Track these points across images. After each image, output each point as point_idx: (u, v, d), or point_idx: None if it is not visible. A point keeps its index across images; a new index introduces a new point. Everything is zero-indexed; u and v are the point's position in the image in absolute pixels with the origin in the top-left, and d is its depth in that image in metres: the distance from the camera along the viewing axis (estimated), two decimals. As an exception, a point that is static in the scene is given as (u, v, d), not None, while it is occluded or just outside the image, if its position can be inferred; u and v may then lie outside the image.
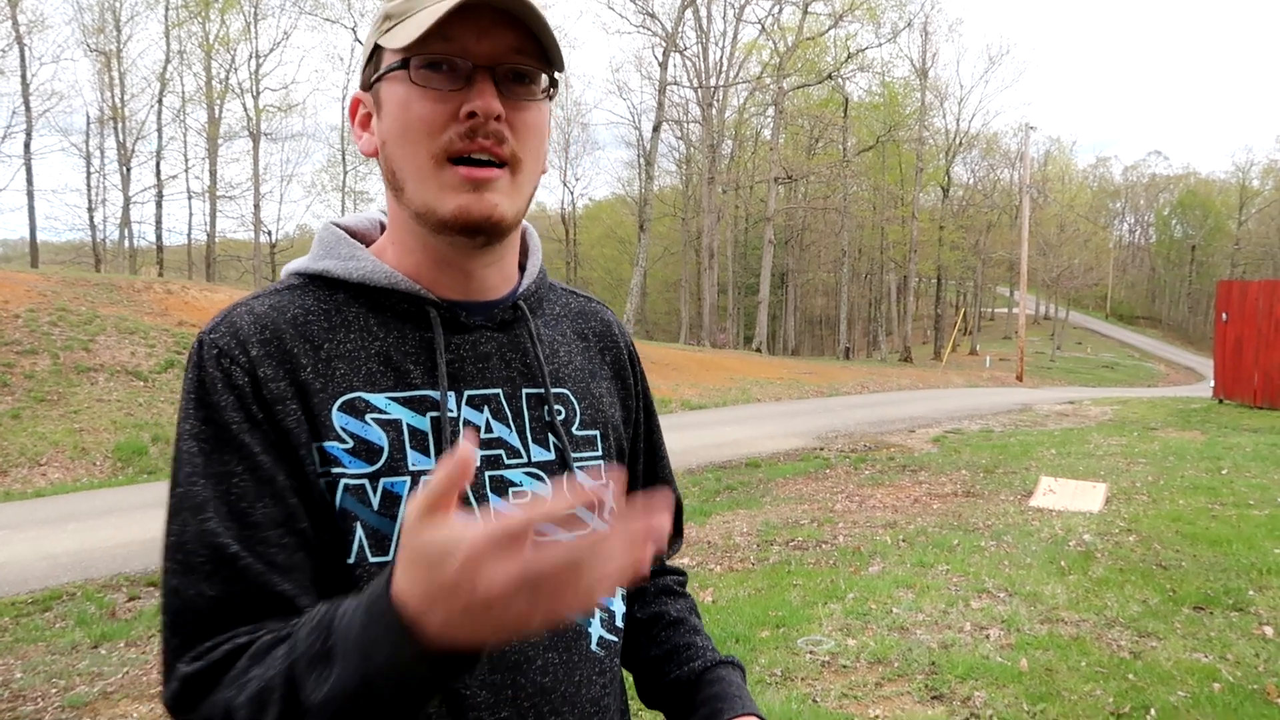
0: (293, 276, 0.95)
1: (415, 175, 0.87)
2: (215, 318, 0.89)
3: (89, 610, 5.13)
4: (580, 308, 1.09)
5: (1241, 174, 76.44)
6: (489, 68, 0.85)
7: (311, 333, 0.88)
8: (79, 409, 10.78)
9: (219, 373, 0.84)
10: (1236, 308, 15.22)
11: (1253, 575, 5.36)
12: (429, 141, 0.86)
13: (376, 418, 0.87)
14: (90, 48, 32.51)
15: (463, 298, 0.94)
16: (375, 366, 0.89)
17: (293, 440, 0.83)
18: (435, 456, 0.88)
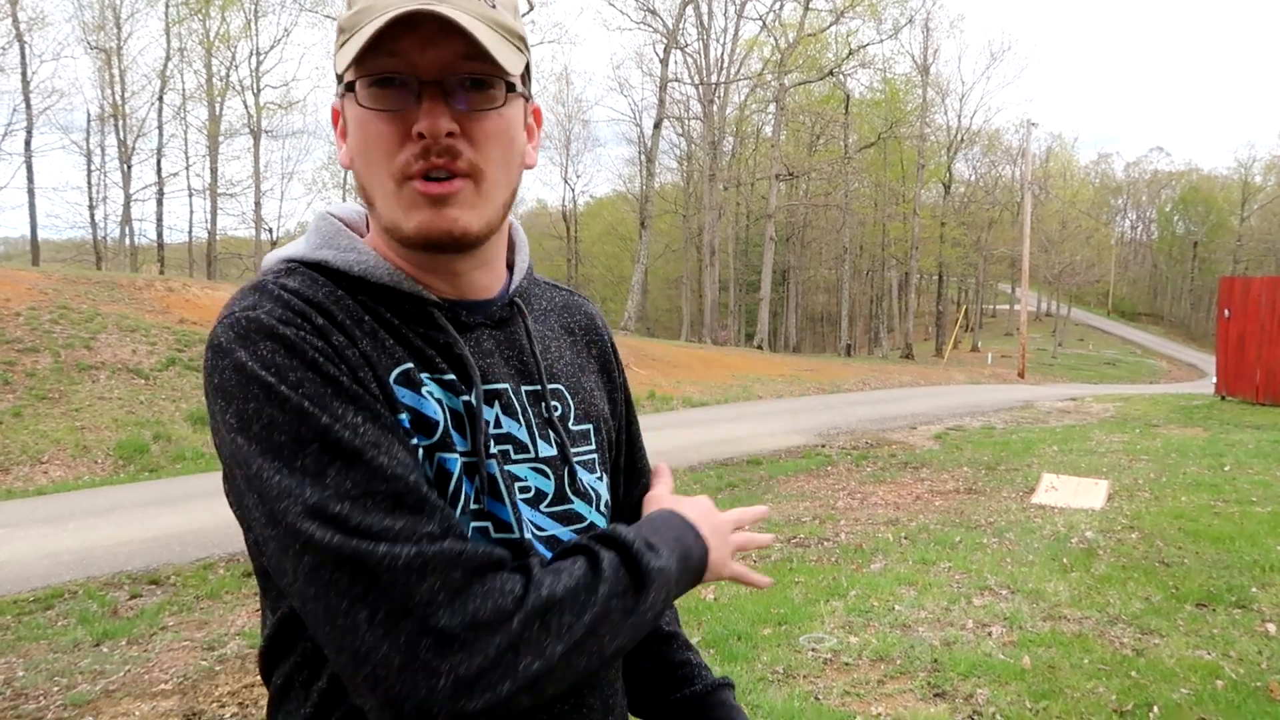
0: (286, 264, 0.90)
1: (381, 195, 0.86)
2: (241, 300, 0.83)
3: (91, 608, 5.13)
4: (564, 302, 1.09)
5: (1244, 170, 76.34)
6: (438, 81, 0.82)
7: (347, 308, 0.85)
8: (80, 407, 10.78)
9: (292, 329, 0.78)
10: (1239, 304, 15.20)
11: (1255, 572, 5.35)
12: (387, 162, 0.84)
13: (429, 391, 0.86)
14: (90, 45, 32.54)
15: (457, 297, 0.93)
16: (401, 351, 0.87)
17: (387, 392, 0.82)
18: (470, 440, 0.87)
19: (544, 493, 0.94)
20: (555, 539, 0.94)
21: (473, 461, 0.87)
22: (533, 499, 0.93)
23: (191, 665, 4.31)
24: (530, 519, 0.92)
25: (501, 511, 0.89)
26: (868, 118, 42.08)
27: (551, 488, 0.94)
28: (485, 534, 0.87)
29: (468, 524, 0.85)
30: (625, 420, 1.14)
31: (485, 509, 0.87)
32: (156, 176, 34.54)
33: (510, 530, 0.89)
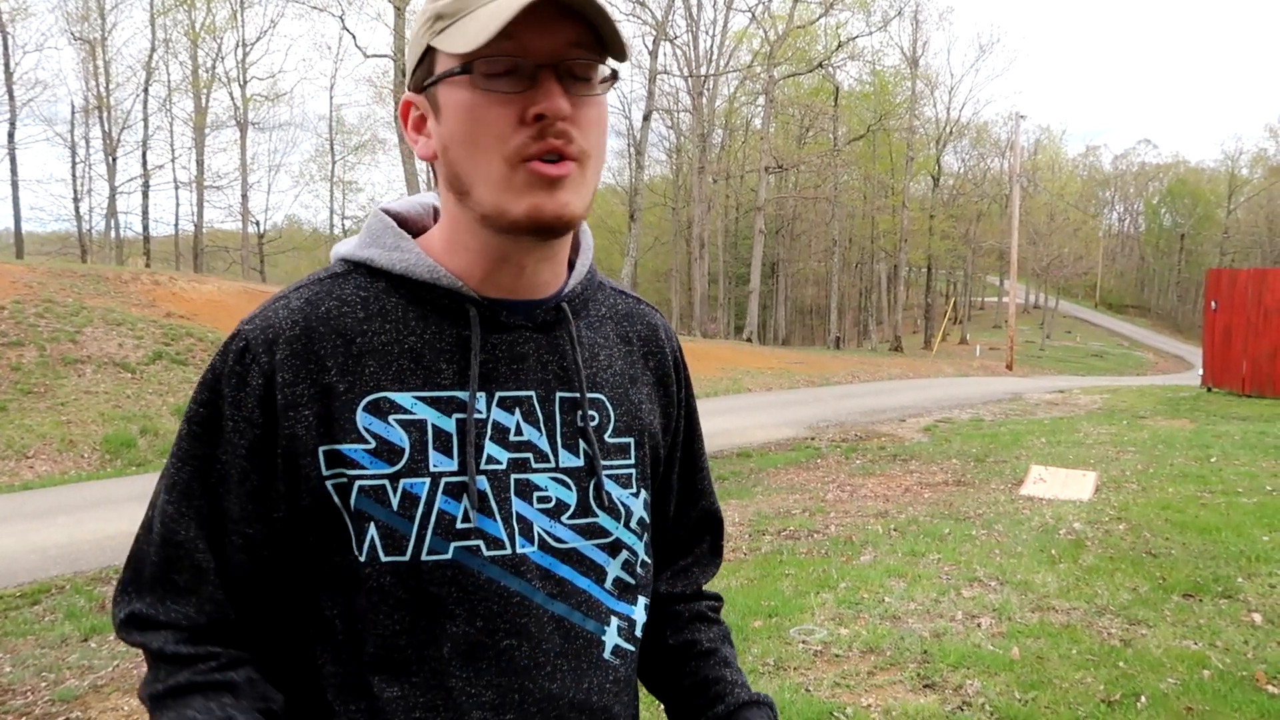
0: (339, 262, 0.95)
1: (485, 179, 0.85)
2: (259, 307, 0.91)
3: (78, 603, 5.11)
4: (627, 310, 1.06)
5: (1230, 162, 76.79)
6: (552, 65, 0.83)
7: (345, 325, 0.88)
8: (66, 401, 10.72)
9: (238, 368, 0.86)
10: (1225, 296, 15.29)
11: (1241, 563, 5.39)
12: (499, 146, 0.84)
13: (400, 418, 0.87)
14: (74, 36, 32.25)
15: (509, 296, 0.92)
16: (406, 363, 0.88)
17: (297, 447, 0.85)
18: (458, 459, 0.87)
19: (565, 504, 0.92)
20: (576, 552, 0.92)
21: (461, 481, 0.87)
22: (553, 509, 0.92)
23: (180, 660, 4.28)
24: (548, 530, 0.91)
25: (492, 528, 0.88)
26: (857, 110, 42.12)
27: (574, 499, 0.93)
28: (475, 552, 0.87)
29: (448, 547, 0.86)
30: (686, 437, 1.11)
31: (475, 527, 0.87)
32: (142, 169, 34.33)
33: (503, 547, 0.88)
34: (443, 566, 0.86)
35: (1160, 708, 3.53)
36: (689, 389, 1.11)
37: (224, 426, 0.86)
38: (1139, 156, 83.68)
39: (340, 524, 0.85)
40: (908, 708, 3.56)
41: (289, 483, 0.86)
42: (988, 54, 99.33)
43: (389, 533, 0.85)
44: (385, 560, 0.85)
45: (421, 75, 0.89)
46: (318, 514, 0.86)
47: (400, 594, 0.85)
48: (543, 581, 0.90)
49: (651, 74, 32.75)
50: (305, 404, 0.85)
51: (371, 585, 0.85)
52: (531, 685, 0.89)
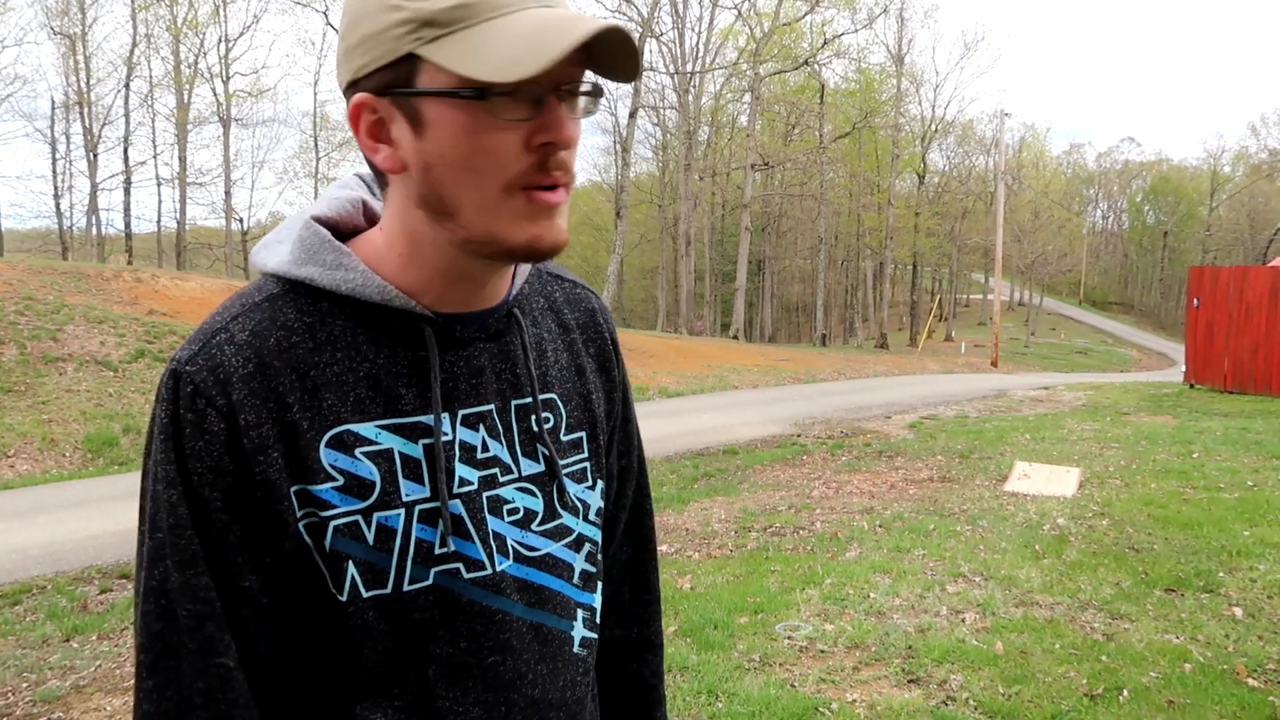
0: (270, 280, 0.86)
1: (479, 205, 0.79)
2: (192, 343, 0.82)
3: (60, 603, 5.06)
4: (565, 295, 1.04)
5: (1213, 160, 77.42)
6: (555, 89, 0.78)
7: (297, 357, 0.82)
8: (47, 399, 10.62)
9: (192, 415, 0.79)
10: (1208, 293, 15.41)
11: (1223, 557, 5.43)
12: (499, 172, 0.78)
13: (366, 450, 0.83)
14: (54, 31, 31.96)
15: (462, 309, 0.89)
16: (364, 392, 0.84)
17: (272, 491, 0.80)
18: (429, 485, 0.85)
19: (534, 512, 0.92)
20: (550, 557, 0.93)
21: (434, 507, 0.85)
22: (522, 520, 0.91)
23: (163, 660, 4.25)
24: (521, 540, 0.91)
25: (471, 550, 0.87)
26: (843, 107, 42.21)
27: (541, 505, 0.93)
28: (455, 575, 0.86)
29: (428, 573, 0.85)
30: (622, 418, 1.11)
31: (454, 551, 0.86)
32: (123, 165, 34.05)
33: (483, 568, 0.88)
34: (425, 592, 0.85)
35: (1142, 701, 3.56)
36: (624, 369, 1.11)
37: (192, 482, 0.79)
38: (1122, 154, 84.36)
39: (314, 566, 0.82)
40: (892, 703, 3.57)
41: (270, 527, 0.81)
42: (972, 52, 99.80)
43: (368, 568, 0.83)
44: (367, 595, 0.83)
45: (387, 79, 0.79)
46: (297, 557, 0.82)
47: (383, 626, 0.84)
48: (520, 593, 0.90)
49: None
50: (272, 445, 0.80)
51: (355, 622, 0.83)
52: (516, 696, 0.90)
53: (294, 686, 0.87)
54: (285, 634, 0.85)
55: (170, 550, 0.80)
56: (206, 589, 0.80)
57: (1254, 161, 70.05)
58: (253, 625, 0.82)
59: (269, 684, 0.85)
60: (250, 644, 0.83)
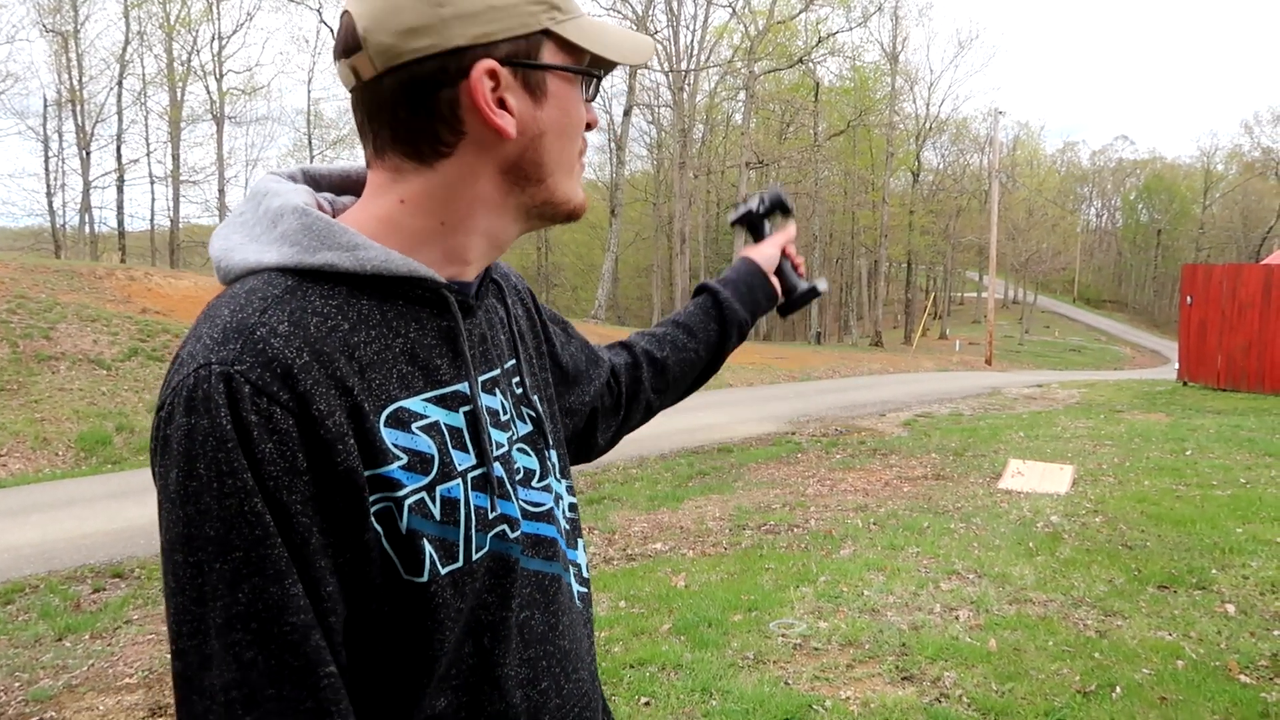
0: (274, 275, 0.81)
1: (567, 170, 0.91)
2: (228, 342, 0.75)
3: (52, 603, 5.05)
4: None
5: (1206, 159, 77.62)
6: None
7: (340, 340, 0.79)
8: (40, 398, 10.58)
9: (257, 416, 0.72)
10: (1201, 291, 15.45)
11: (1216, 554, 5.45)
12: (579, 141, 0.92)
13: (421, 425, 0.82)
14: (46, 28, 31.77)
15: (461, 279, 0.90)
16: (405, 367, 0.83)
17: (355, 480, 0.76)
18: (474, 451, 0.86)
19: (532, 470, 0.95)
20: (550, 512, 0.96)
21: (483, 472, 0.87)
22: (524, 478, 0.94)
23: (156, 659, 4.25)
24: (527, 498, 0.93)
25: (510, 510, 0.89)
26: (837, 105, 42.22)
27: (536, 464, 0.96)
28: (504, 538, 0.88)
29: (486, 540, 0.86)
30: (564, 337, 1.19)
31: (501, 514, 0.88)
32: (116, 163, 33.89)
33: (518, 526, 0.90)
34: (485, 559, 0.86)
35: (1135, 698, 3.57)
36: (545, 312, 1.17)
37: (269, 487, 0.72)
38: (1116, 153, 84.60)
39: (385, 556, 0.79)
40: (886, 700, 3.58)
41: (353, 522, 0.77)
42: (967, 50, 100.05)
43: (441, 543, 0.81)
44: (444, 572, 0.81)
45: (513, 49, 0.82)
46: (372, 549, 0.78)
47: (459, 603, 0.83)
48: (536, 548, 0.93)
49: (632, 69, 32.69)
50: (347, 433, 0.76)
51: (436, 602, 0.81)
52: (552, 649, 0.92)
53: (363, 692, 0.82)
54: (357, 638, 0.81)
55: (259, 565, 0.72)
56: (303, 597, 0.74)
57: (1247, 159, 70.26)
58: (340, 633, 0.78)
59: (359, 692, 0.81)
60: (338, 654, 0.77)
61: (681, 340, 1.36)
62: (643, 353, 1.34)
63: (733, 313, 1.38)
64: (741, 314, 1.39)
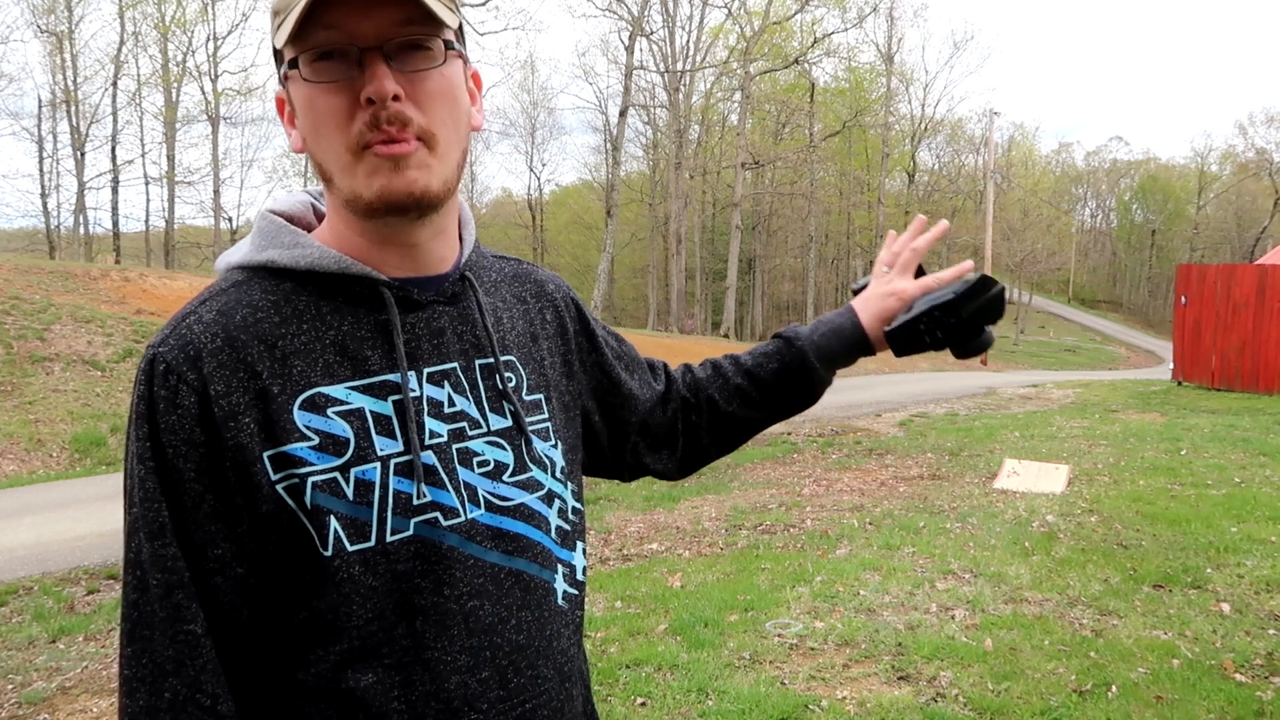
0: (234, 271, 0.93)
1: (337, 167, 0.87)
2: (165, 329, 0.88)
3: (46, 604, 5.03)
4: (514, 271, 1.11)
5: (1200, 159, 77.59)
6: (378, 47, 0.84)
7: (264, 331, 0.87)
8: (34, 399, 10.55)
9: (165, 392, 0.84)
10: (1195, 291, 15.48)
11: (1210, 554, 5.46)
12: (341, 135, 0.86)
13: (339, 410, 0.87)
14: (40, 29, 31.68)
15: (412, 274, 0.94)
16: (332, 357, 0.88)
17: (244, 455, 0.84)
18: (401, 439, 0.89)
19: (504, 464, 0.97)
20: (524, 507, 0.96)
21: (408, 459, 0.89)
22: (493, 471, 0.95)
23: (150, 661, 4.23)
24: (493, 491, 0.94)
25: (446, 499, 0.90)
26: (833, 106, 42.27)
27: (511, 459, 0.97)
28: (435, 524, 0.89)
29: (408, 523, 0.88)
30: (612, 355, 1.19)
31: (431, 500, 0.89)
32: (111, 164, 33.79)
33: (458, 515, 0.91)
34: (407, 543, 0.88)
35: (1131, 697, 3.57)
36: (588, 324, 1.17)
37: (166, 454, 0.84)
38: (1111, 153, 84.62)
39: (299, 525, 0.85)
40: (882, 700, 3.58)
41: (244, 494, 0.85)
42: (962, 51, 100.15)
43: (350, 522, 0.86)
44: (352, 550, 0.86)
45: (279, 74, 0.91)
46: (277, 520, 0.85)
47: (370, 580, 0.87)
48: (495, 541, 0.93)
49: (628, 70, 32.70)
50: (244, 412, 0.84)
51: (341, 577, 0.86)
52: (500, 640, 0.93)
53: (284, 655, 0.89)
54: (269, 600, 0.88)
55: (142, 523, 0.84)
56: (174, 559, 0.84)
57: (1241, 160, 70.35)
58: (227, 593, 0.86)
59: (252, 650, 0.88)
60: (225, 611, 0.86)
61: (754, 397, 1.27)
62: (707, 400, 1.28)
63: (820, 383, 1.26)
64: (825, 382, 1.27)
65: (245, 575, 0.86)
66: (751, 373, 1.27)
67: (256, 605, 0.87)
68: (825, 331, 1.25)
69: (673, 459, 1.27)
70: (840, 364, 1.26)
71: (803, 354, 1.24)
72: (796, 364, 1.24)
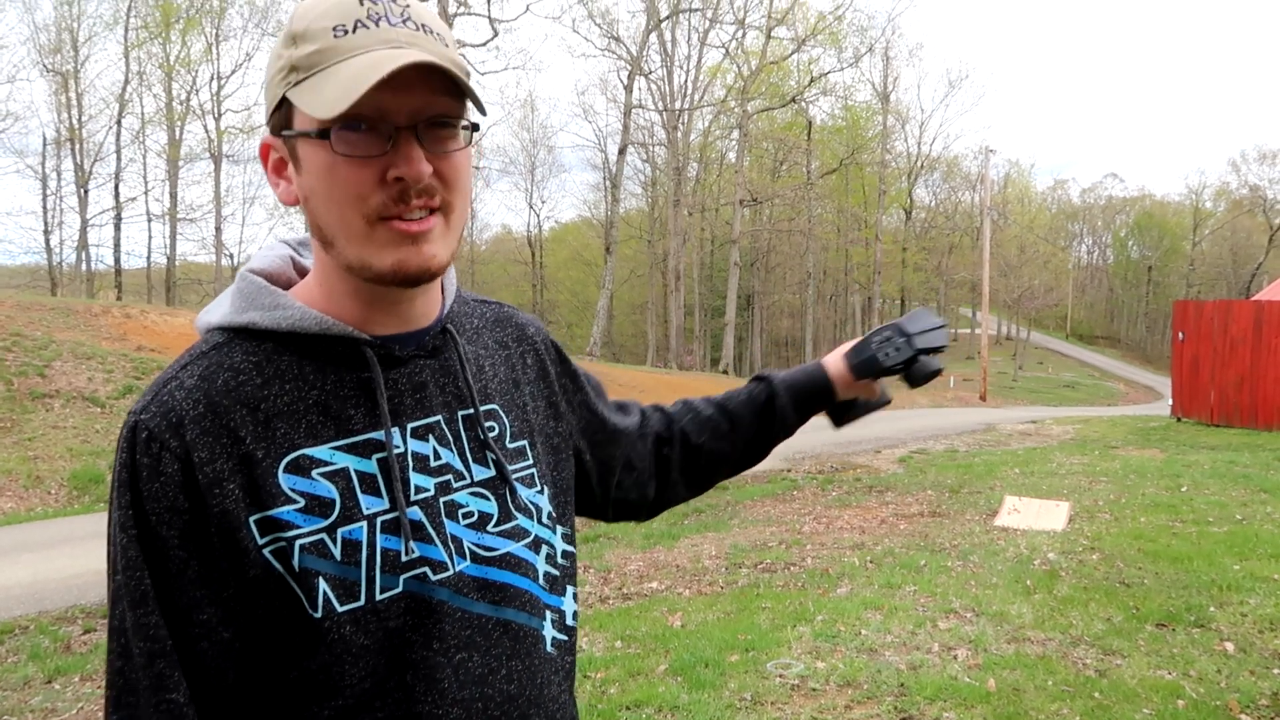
0: (215, 333, 0.93)
1: (346, 234, 0.86)
2: (146, 394, 0.88)
3: (43, 644, 4.99)
4: (495, 316, 1.11)
5: (1195, 196, 78.27)
6: (411, 126, 0.83)
7: (246, 394, 0.87)
8: (33, 436, 10.54)
9: (148, 459, 0.84)
10: (1192, 327, 15.54)
11: (1213, 592, 5.43)
12: (359, 205, 0.84)
13: (323, 471, 0.88)
14: (47, 68, 32.13)
15: (396, 331, 0.95)
16: (315, 417, 0.89)
17: (230, 521, 0.84)
18: (387, 496, 0.89)
19: (489, 514, 0.96)
20: (510, 556, 0.97)
21: (395, 516, 0.89)
22: (478, 522, 0.95)
23: (147, 702, 4.19)
24: (478, 542, 0.95)
25: (434, 553, 0.91)
26: (830, 144, 42.69)
27: (495, 509, 0.97)
28: (424, 579, 0.90)
29: (398, 580, 0.89)
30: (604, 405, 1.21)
31: (419, 556, 0.90)
32: (114, 201, 34.06)
33: (447, 569, 0.92)
34: (397, 600, 0.88)
35: (1135, 738, 3.54)
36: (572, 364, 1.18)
37: (149, 522, 0.83)
38: (1106, 190, 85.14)
39: (287, 588, 0.85)
40: (885, 742, 3.54)
41: (230, 559, 0.84)
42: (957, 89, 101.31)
43: (339, 582, 0.86)
44: (342, 610, 0.86)
45: (278, 122, 0.88)
46: (265, 584, 0.85)
47: (362, 639, 0.87)
48: (481, 592, 0.94)
49: (627, 108, 33.08)
50: (228, 478, 0.84)
51: (333, 638, 0.86)
52: (491, 692, 0.93)
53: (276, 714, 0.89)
54: (260, 665, 0.87)
55: (125, 591, 0.84)
56: (157, 626, 0.84)
57: (1235, 197, 70.96)
58: (213, 658, 0.85)
59: (242, 711, 0.88)
60: (212, 676, 0.85)
61: (723, 429, 1.33)
62: (680, 433, 1.32)
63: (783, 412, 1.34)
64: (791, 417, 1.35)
65: (231, 639, 0.86)
66: (721, 404, 1.34)
67: (244, 668, 0.87)
68: (794, 369, 1.37)
69: (648, 495, 1.30)
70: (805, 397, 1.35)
71: (770, 384, 1.34)
72: (763, 395, 1.34)
